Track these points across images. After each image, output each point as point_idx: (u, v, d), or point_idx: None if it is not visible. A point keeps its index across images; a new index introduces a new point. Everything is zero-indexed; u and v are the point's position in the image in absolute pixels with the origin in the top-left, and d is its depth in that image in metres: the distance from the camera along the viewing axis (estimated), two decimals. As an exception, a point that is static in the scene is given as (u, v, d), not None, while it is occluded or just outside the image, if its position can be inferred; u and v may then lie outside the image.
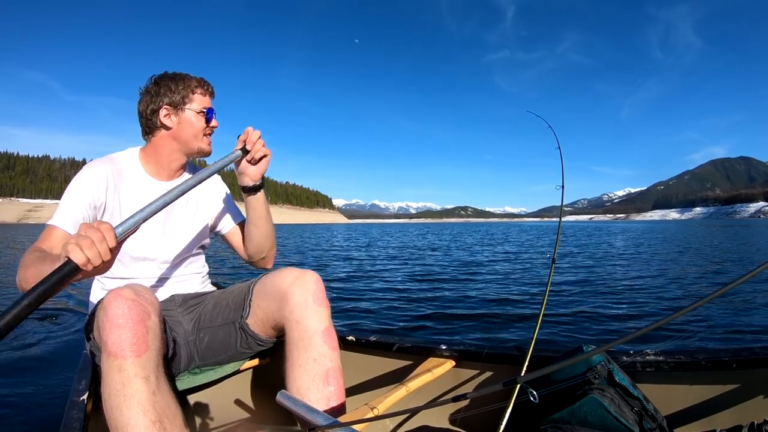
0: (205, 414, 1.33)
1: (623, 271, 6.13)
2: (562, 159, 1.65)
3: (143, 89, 1.18)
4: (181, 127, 1.16)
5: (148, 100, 1.15)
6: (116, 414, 0.77)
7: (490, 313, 3.64)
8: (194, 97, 1.17)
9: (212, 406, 1.35)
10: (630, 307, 3.80)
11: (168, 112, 1.15)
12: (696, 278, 5.50)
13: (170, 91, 1.15)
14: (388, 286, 5.21)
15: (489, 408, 0.99)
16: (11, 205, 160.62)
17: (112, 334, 0.80)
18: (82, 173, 1.13)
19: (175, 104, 1.15)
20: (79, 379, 1.07)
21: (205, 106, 1.18)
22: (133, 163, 1.20)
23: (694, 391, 1.09)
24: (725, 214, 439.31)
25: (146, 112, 1.15)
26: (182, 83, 1.16)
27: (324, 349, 1.01)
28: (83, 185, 1.11)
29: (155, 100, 1.14)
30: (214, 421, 1.33)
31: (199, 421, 1.31)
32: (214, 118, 1.21)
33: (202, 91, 1.19)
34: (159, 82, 1.16)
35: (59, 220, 1.07)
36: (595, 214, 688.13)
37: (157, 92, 1.15)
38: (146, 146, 1.21)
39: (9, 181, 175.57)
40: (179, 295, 1.23)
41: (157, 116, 1.15)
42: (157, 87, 1.15)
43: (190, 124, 1.16)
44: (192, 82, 1.17)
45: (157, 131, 1.17)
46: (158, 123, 1.15)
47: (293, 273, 1.09)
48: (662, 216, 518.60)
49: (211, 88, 1.22)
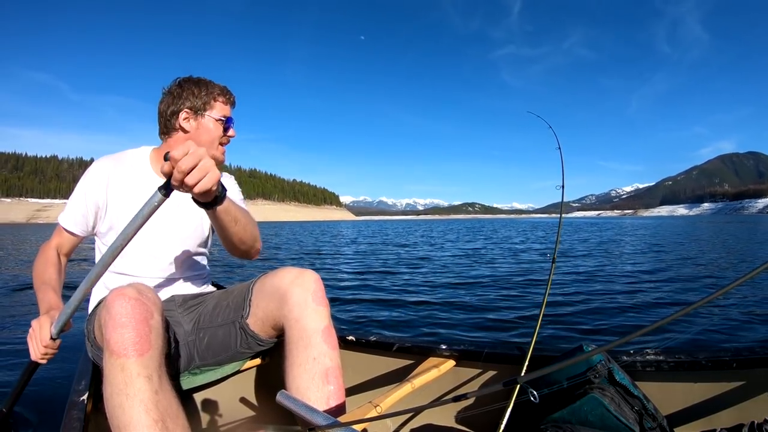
0: (206, 414, 1.33)
1: (624, 270, 6.14)
2: (562, 159, 1.66)
3: (166, 90, 1.19)
4: (198, 132, 1.17)
5: (170, 101, 1.16)
6: (118, 413, 0.77)
7: (490, 312, 3.64)
8: (215, 105, 1.18)
9: (212, 406, 1.35)
10: (630, 306, 3.81)
11: (188, 115, 1.16)
12: (697, 277, 5.50)
13: (192, 95, 1.16)
14: (388, 285, 5.22)
15: (489, 407, 0.99)
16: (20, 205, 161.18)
17: (115, 333, 0.80)
18: (87, 172, 1.17)
19: (195, 109, 1.16)
20: (79, 379, 1.07)
21: (225, 115, 1.20)
22: (142, 161, 1.21)
23: (695, 390, 1.09)
24: (733, 210, 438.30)
25: (166, 113, 1.17)
26: (205, 89, 1.17)
27: (324, 348, 1.01)
28: (86, 184, 1.15)
29: (177, 102, 1.16)
30: (214, 421, 1.33)
31: (200, 421, 1.31)
32: (232, 127, 1.22)
33: (224, 99, 1.20)
34: (182, 85, 1.17)
35: (65, 221, 1.17)
36: (602, 209, 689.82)
37: (180, 95, 1.16)
38: (161, 146, 1.23)
39: (18, 181, 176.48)
40: (180, 295, 1.23)
41: (177, 118, 1.16)
42: (180, 89, 1.16)
43: (207, 131, 1.17)
44: (215, 90, 1.18)
45: (175, 133, 1.18)
46: (177, 125, 1.17)
47: (292, 272, 1.09)
48: (670, 212, 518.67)
49: (233, 98, 1.23)
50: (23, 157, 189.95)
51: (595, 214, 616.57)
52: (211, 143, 1.18)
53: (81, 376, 1.08)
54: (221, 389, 1.36)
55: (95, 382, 1.05)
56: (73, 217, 1.16)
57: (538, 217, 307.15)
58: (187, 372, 1.16)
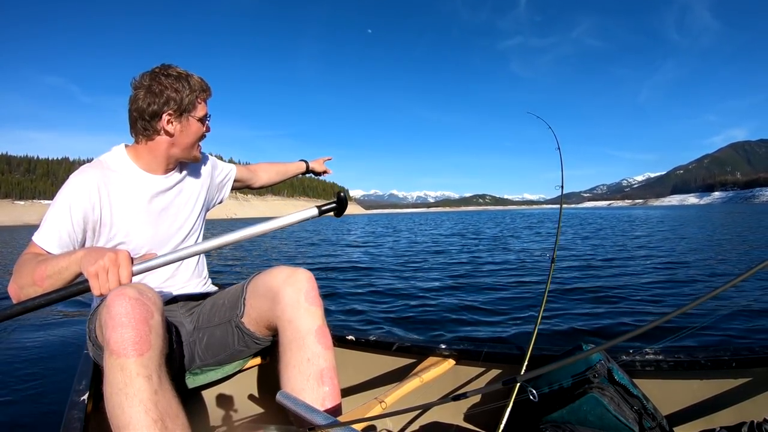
0: (206, 414, 1.33)
1: (624, 269, 6.13)
2: (562, 159, 1.66)
3: (139, 82, 1.06)
4: (182, 134, 1.10)
5: (150, 99, 1.04)
6: (118, 413, 0.77)
7: (489, 312, 3.64)
8: (198, 104, 1.10)
9: (213, 406, 1.35)
10: (630, 305, 3.80)
11: (171, 117, 1.07)
12: (697, 274, 5.49)
13: (176, 93, 1.06)
14: (384, 284, 5.21)
15: (489, 407, 0.99)
16: (33, 208, 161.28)
17: (115, 333, 0.79)
18: (70, 185, 1.03)
19: (180, 110, 1.07)
20: (79, 379, 1.07)
21: (206, 113, 1.13)
22: (123, 162, 1.12)
23: (694, 389, 1.09)
24: (744, 199, 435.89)
25: (145, 113, 1.05)
26: (188, 86, 1.08)
27: (318, 349, 1.00)
28: (72, 200, 1.01)
29: (157, 101, 1.05)
30: (214, 421, 1.33)
31: (200, 421, 1.31)
32: (209, 123, 1.16)
33: (205, 96, 1.13)
34: (160, 80, 1.05)
35: (43, 240, 0.99)
36: (613, 200, 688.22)
37: (161, 92, 1.05)
38: (138, 146, 1.12)
39: (30, 184, 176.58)
40: (182, 295, 1.23)
41: (159, 120, 1.06)
42: (160, 85, 1.05)
43: (191, 133, 1.11)
44: (197, 87, 1.09)
45: (157, 136, 1.08)
46: (159, 128, 1.07)
47: (284, 272, 1.07)
48: (680, 201, 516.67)
49: (211, 92, 1.15)
50: (35, 160, 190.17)
51: (606, 203, 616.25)
52: (193, 144, 1.13)
53: (81, 376, 1.08)
54: (221, 389, 1.36)
55: (96, 381, 1.05)
56: (56, 236, 0.99)
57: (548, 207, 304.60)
58: (188, 372, 1.16)
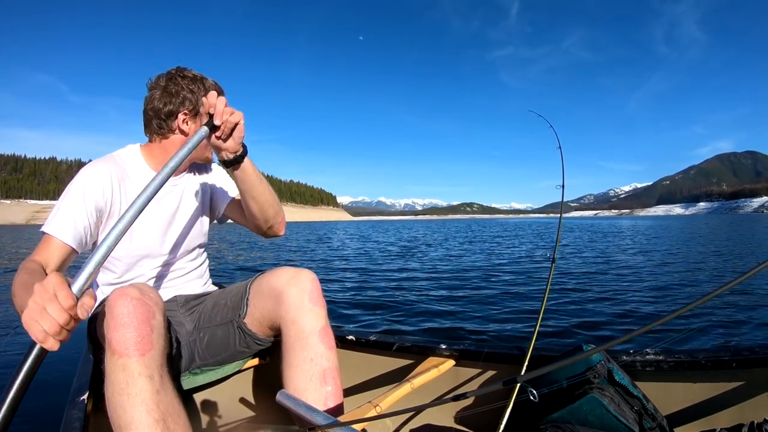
0: (207, 414, 1.34)
1: (623, 271, 6.13)
2: (563, 159, 1.66)
3: (155, 83, 1.11)
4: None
5: (166, 99, 1.09)
6: (120, 412, 0.77)
7: (489, 312, 3.64)
8: None
9: (213, 406, 1.35)
10: (630, 306, 3.80)
11: (186, 117, 1.10)
12: (696, 277, 5.50)
13: (191, 94, 1.09)
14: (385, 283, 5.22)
15: (489, 407, 0.99)
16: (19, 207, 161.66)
17: (116, 333, 0.80)
18: (84, 175, 1.04)
19: (195, 111, 1.11)
20: (79, 379, 1.07)
21: None
22: (136, 160, 1.15)
23: (694, 390, 1.09)
24: (729, 210, 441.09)
25: (161, 112, 1.09)
26: (202, 87, 1.11)
27: (321, 349, 1.00)
28: (86, 188, 1.02)
29: (174, 101, 1.09)
30: (215, 421, 1.33)
31: (201, 421, 1.31)
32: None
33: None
34: (177, 81, 1.09)
35: (57, 229, 0.97)
36: (600, 209, 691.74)
37: (177, 93, 1.09)
38: (152, 145, 1.15)
39: (17, 183, 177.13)
40: (182, 295, 1.23)
41: (175, 119, 1.10)
42: (176, 87, 1.09)
43: None
44: (211, 89, 1.12)
45: (171, 134, 1.12)
46: (174, 126, 1.11)
47: (288, 272, 1.08)
48: (666, 211, 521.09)
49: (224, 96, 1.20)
50: (22, 159, 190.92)
51: (593, 213, 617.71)
52: (205, 145, 1.13)
53: (81, 376, 1.08)
54: (222, 389, 1.36)
55: (95, 381, 1.05)
56: (70, 225, 0.98)
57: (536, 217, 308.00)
58: (188, 372, 1.16)
